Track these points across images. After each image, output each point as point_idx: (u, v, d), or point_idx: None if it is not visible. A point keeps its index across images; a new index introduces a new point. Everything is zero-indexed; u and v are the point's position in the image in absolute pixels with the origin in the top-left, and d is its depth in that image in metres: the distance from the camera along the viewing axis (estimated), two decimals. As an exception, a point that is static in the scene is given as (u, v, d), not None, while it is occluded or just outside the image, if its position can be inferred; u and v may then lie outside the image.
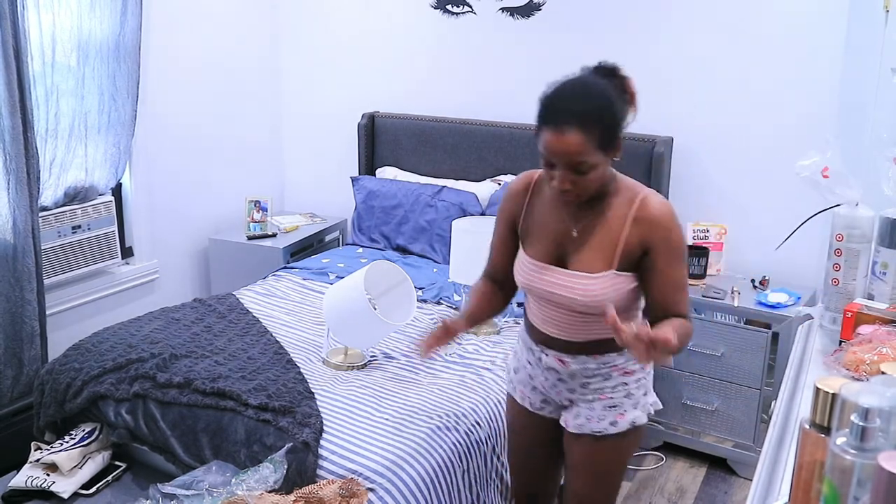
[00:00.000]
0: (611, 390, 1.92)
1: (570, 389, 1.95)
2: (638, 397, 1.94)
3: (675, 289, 1.78)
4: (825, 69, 3.16)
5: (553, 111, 1.73)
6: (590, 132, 1.67)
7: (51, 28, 3.03)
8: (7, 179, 2.89)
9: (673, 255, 1.77)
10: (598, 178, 1.74)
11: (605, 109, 1.72)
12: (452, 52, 3.92)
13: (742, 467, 3.21)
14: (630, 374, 1.92)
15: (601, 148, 1.69)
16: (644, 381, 1.96)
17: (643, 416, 1.96)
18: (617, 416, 1.93)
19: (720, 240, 3.43)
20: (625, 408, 1.93)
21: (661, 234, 1.76)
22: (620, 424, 1.92)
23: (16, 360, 3.01)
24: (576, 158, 1.69)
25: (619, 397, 1.92)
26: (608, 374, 1.91)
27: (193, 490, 2.14)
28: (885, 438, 0.92)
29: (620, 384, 1.92)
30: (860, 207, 1.80)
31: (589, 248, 1.82)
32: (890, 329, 1.51)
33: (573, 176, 1.71)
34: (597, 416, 1.93)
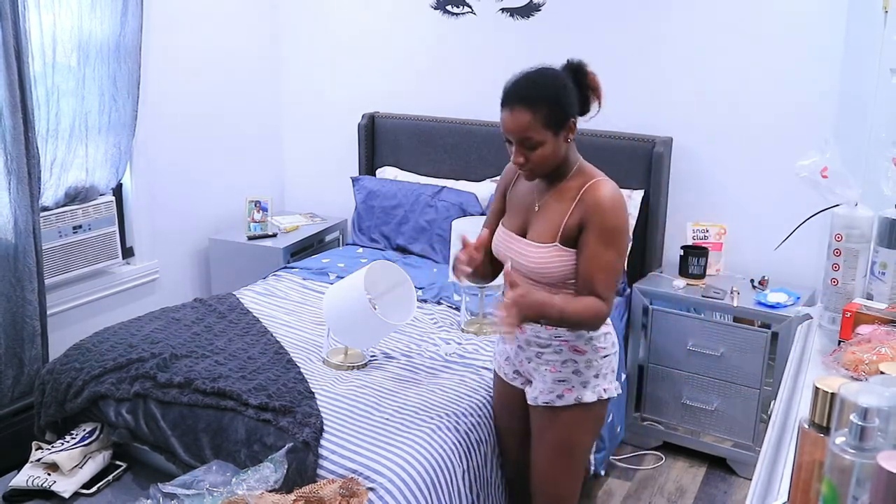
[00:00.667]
0: (560, 364, 2.09)
1: (528, 359, 2.15)
2: (587, 377, 2.08)
3: (596, 267, 1.94)
4: (824, 69, 3.16)
5: (507, 94, 1.97)
6: (537, 111, 1.91)
7: (51, 28, 3.04)
8: (8, 179, 2.90)
9: (602, 235, 1.94)
10: (546, 154, 1.95)
11: (553, 93, 1.94)
12: (452, 53, 3.93)
13: (741, 467, 3.21)
14: (580, 352, 2.07)
15: (548, 127, 1.92)
16: (596, 363, 2.08)
17: (591, 396, 2.09)
18: (564, 391, 2.09)
19: (719, 240, 3.43)
20: (572, 383, 2.09)
21: (597, 215, 1.94)
22: (566, 398, 2.09)
23: (17, 360, 3.01)
24: (524, 134, 1.92)
25: (568, 372, 2.08)
26: (559, 347, 2.08)
27: (194, 490, 2.14)
28: (883, 438, 0.92)
29: (570, 360, 2.08)
30: (859, 207, 1.80)
31: (543, 221, 2.04)
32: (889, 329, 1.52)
33: (524, 151, 1.95)
34: (547, 388, 2.11)
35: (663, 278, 3.38)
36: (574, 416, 2.11)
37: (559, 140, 1.95)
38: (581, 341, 2.06)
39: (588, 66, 2.00)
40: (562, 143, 1.96)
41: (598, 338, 2.07)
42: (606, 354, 2.10)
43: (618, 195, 1.97)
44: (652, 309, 3.27)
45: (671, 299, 3.25)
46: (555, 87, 1.95)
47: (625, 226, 2.00)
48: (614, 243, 1.95)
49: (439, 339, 2.91)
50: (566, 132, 1.96)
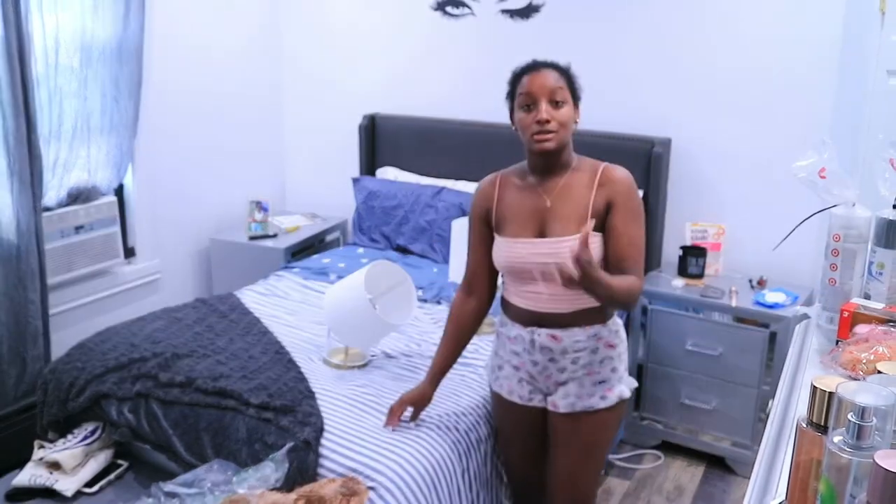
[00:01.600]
0: (598, 365, 2.07)
1: (561, 369, 2.08)
2: (621, 372, 2.11)
3: (629, 245, 1.97)
4: (822, 71, 3.17)
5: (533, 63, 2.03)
6: (563, 75, 2.00)
7: (54, 30, 3.04)
8: (11, 180, 2.90)
9: (630, 214, 1.98)
10: (568, 117, 1.98)
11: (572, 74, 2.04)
12: (452, 54, 3.93)
13: (740, 466, 3.22)
14: (613, 346, 2.08)
15: (572, 92, 2.00)
16: (624, 355, 2.12)
17: (626, 390, 2.12)
18: (606, 391, 2.08)
19: (718, 240, 3.44)
20: (612, 382, 2.09)
21: (623, 193, 1.99)
22: (610, 398, 2.08)
23: (19, 360, 3.02)
24: (554, 87, 1.96)
25: (606, 371, 2.08)
26: (595, 347, 2.06)
27: (195, 488, 2.15)
28: (881, 437, 0.93)
29: (606, 358, 2.07)
30: (857, 208, 1.81)
31: (563, 215, 2.01)
32: (886, 328, 1.52)
33: (551, 110, 1.96)
34: (587, 392, 2.07)
35: (662, 278, 3.40)
36: (616, 413, 2.12)
37: (575, 113, 2.02)
38: (612, 335, 2.08)
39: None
40: (573, 119, 2.02)
41: (619, 328, 2.11)
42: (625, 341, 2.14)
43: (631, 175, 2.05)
44: (651, 309, 3.28)
45: (670, 299, 3.26)
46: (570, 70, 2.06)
47: (642, 204, 2.05)
48: (638, 220, 2.01)
49: (439, 338, 2.91)
50: (576, 113, 2.03)
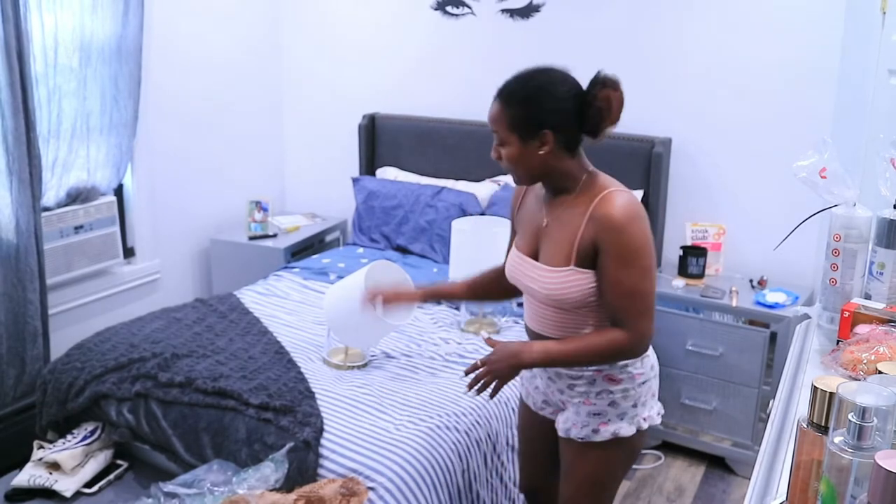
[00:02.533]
0: (595, 396, 1.89)
1: (560, 390, 1.95)
2: (624, 408, 1.89)
3: (620, 294, 1.75)
4: (823, 70, 3.17)
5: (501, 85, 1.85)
6: (506, 108, 1.78)
7: (53, 29, 3.04)
8: (10, 180, 2.90)
9: (622, 258, 1.73)
10: (512, 156, 1.81)
11: (528, 96, 1.77)
12: (452, 54, 3.93)
13: (740, 466, 3.22)
14: (616, 381, 1.88)
15: (513, 129, 1.78)
16: (633, 392, 1.90)
17: (629, 429, 1.90)
18: (600, 425, 1.90)
19: (718, 240, 3.44)
20: (608, 416, 1.89)
21: (611, 235, 1.73)
22: (602, 433, 1.90)
23: (18, 360, 3.02)
24: (491, 126, 1.82)
25: (603, 405, 1.89)
26: (592, 378, 1.89)
27: (195, 489, 2.15)
28: (881, 437, 0.93)
29: (605, 391, 1.88)
30: (857, 208, 1.80)
31: (554, 241, 1.84)
32: (887, 328, 1.52)
33: (497, 146, 1.84)
34: (581, 421, 1.92)
35: (662, 278, 3.39)
36: (610, 451, 1.92)
37: (528, 148, 1.78)
38: (615, 370, 1.87)
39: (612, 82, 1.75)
40: (532, 151, 1.78)
41: (633, 364, 1.88)
42: (645, 380, 1.92)
43: (632, 207, 1.75)
44: (651, 309, 3.27)
45: (670, 299, 3.25)
46: (536, 90, 1.78)
47: (643, 241, 1.75)
48: (634, 264, 1.74)
49: (439, 338, 2.92)
50: (538, 142, 1.77)
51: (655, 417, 1.98)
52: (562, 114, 1.76)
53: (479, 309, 3.02)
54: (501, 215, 3.38)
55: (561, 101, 1.76)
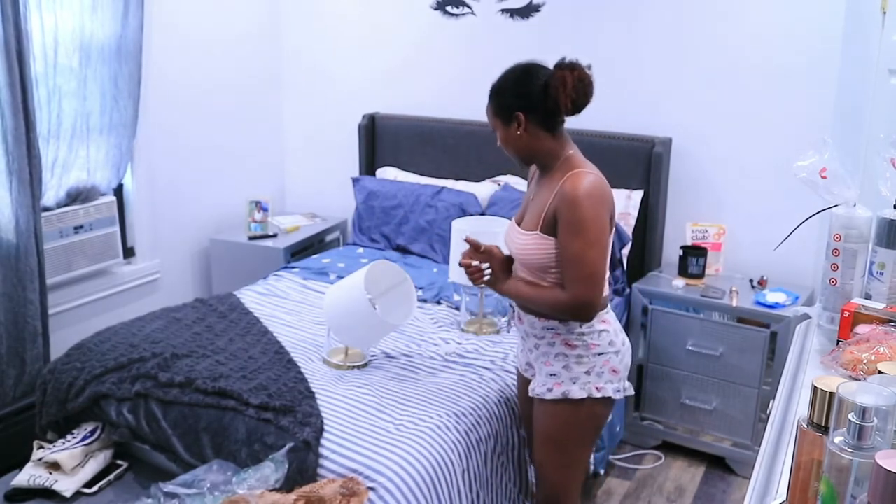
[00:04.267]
0: (553, 358, 2.12)
1: (529, 350, 2.21)
2: (577, 373, 2.09)
3: (565, 259, 2.01)
4: (823, 70, 3.17)
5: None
6: (491, 100, 2.11)
7: (53, 29, 3.04)
8: (10, 180, 2.90)
9: (570, 228, 1.98)
10: (503, 140, 2.11)
11: (501, 85, 2.10)
12: (452, 54, 3.93)
13: (740, 466, 3.22)
14: (572, 347, 2.09)
15: (496, 116, 2.10)
16: (586, 360, 2.09)
17: (580, 392, 2.09)
18: (554, 385, 2.12)
19: (718, 240, 3.44)
20: (562, 378, 2.11)
21: (565, 207, 1.98)
22: (554, 392, 2.12)
23: (18, 360, 3.02)
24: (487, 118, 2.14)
25: (559, 367, 2.11)
26: (552, 340, 2.12)
27: (195, 489, 2.15)
28: (882, 437, 0.93)
29: (561, 354, 2.11)
30: (857, 208, 1.80)
31: (531, 210, 2.12)
32: (887, 329, 1.52)
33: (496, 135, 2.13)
34: (541, 381, 2.15)
35: (663, 278, 3.39)
36: (562, 410, 2.12)
37: (510, 130, 2.06)
38: (572, 336, 2.08)
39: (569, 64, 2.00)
40: (514, 133, 2.06)
41: (590, 334, 2.08)
42: (601, 353, 2.09)
43: (591, 187, 1.97)
44: (651, 309, 3.28)
45: (670, 299, 3.25)
46: (507, 80, 2.08)
47: (592, 216, 1.97)
48: (580, 234, 1.96)
49: (439, 338, 2.92)
50: (515, 123, 2.05)
51: (609, 390, 2.12)
52: (527, 97, 2.03)
53: (479, 309, 3.02)
54: (501, 215, 3.38)
55: (526, 86, 2.04)
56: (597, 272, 2.00)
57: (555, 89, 1.98)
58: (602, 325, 2.10)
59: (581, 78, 1.98)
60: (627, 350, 2.17)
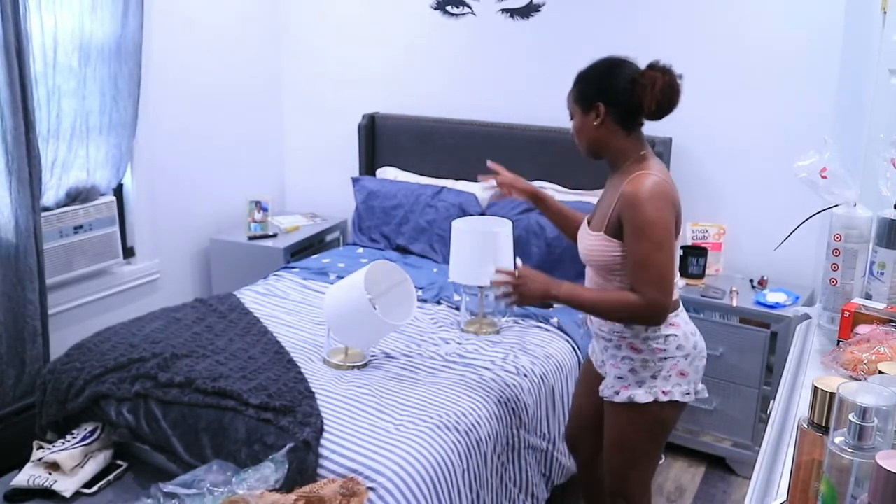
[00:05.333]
0: (620, 361, 2.13)
1: (602, 349, 2.23)
2: (643, 377, 2.10)
3: (634, 263, 1.98)
4: (823, 70, 3.17)
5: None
6: (575, 86, 2.10)
7: (52, 29, 3.04)
8: (9, 180, 2.90)
9: (635, 231, 1.96)
10: (577, 126, 2.10)
11: (591, 74, 2.07)
12: (452, 53, 3.93)
13: (741, 466, 3.22)
14: (637, 351, 2.09)
15: (577, 102, 2.08)
16: (651, 364, 2.08)
17: (645, 397, 2.09)
18: (621, 388, 2.13)
19: (719, 240, 3.44)
20: (628, 381, 2.12)
21: (629, 210, 1.97)
22: (621, 395, 2.12)
23: (18, 360, 3.01)
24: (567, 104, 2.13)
25: (625, 370, 2.12)
26: (619, 343, 2.12)
27: (195, 489, 2.15)
28: (882, 437, 0.93)
29: (627, 358, 2.11)
30: (858, 208, 1.80)
31: (599, 212, 2.12)
32: (888, 329, 1.52)
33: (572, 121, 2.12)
34: (609, 383, 2.17)
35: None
36: (629, 414, 2.13)
37: (587, 119, 2.05)
38: (638, 340, 2.08)
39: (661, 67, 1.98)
40: (590, 123, 2.04)
41: (656, 339, 2.07)
42: (666, 357, 2.07)
43: (653, 188, 1.95)
44: (651, 309, 3.27)
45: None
46: (595, 69, 2.07)
47: (657, 218, 1.94)
48: (646, 237, 1.94)
49: (439, 338, 2.91)
50: (594, 113, 2.03)
51: (677, 394, 2.11)
52: (613, 90, 2.01)
53: (480, 309, 3.02)
54: (501, 215, 3.38)
55: (614, 79, 2.01)
56: (667, 275, 1.98)
57: (642, 88, 1.96)
58: (670, 330, 2.07)
59: (671, 84, 1.96)
60: (699, 353, 2.14)
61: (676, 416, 2.20)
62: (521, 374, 2.64)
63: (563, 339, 2.95)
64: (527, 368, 2.68)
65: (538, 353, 2.79)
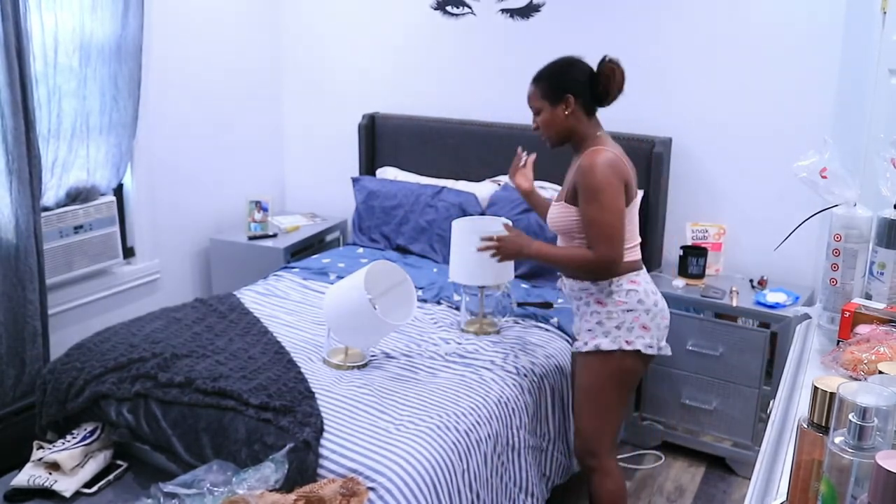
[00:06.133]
0: (589, 315, 2.39)
1: (574, 311, 2.49)
2: (608, 328, 2.35)
3: (585, 223, 2.28)
4: (823, 70, 3.17)
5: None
6: (538, 84, 2.37)
7: (53, 29, 3.04)
8: (9, 180, 2.90)
9: (586, 194, 2.25)
10: (546, 120, 2.36)
11: (554, 70, 2.36)
12: (452, 54, 3.93)
13: (741, 466, 3.22)
14: (602, 304, 2.36)
15: (544, 97, 2.34)
16: (616, 316, 2.34)
17: (610, 345, 2.34)
18: (589, 339, 2.38)
19: (719, 240, 3.44)
20: (595, 333, 2.37)
21: (582, 177, 2.26)
22: (588, 345, 2.37)
23: (18, 360, 3.01)
24: (529, 103, 2.40)
25: (593, 323, 2.38)
26: (587, 300, 2.38)
27: (195, 489, 2.15)
28: (882, 437, 0.93)
29: (594, 311, 2.37)
30: (858, 208, 1.80)
31: (563, 186, 2.41)
32: (887, 329, 1.52)
33: (534, 118, 2.40)
34: (582, 337, 2.41)
35: (663, 278, 3.39)
36: (595, 361, 2.37)
37: (557, 111, 2.33)
38: (602, 294, 2.35)
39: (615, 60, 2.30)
40: (559, 113, 2.33)
41: (618, 292, 2.33)
42: (630, 309, 2.33)
43: (604, 160, 2.24)
44: (651, 309, 3.27)
45: (670, 299, 3.22)
46: (560, 66, 2.35)
47: (604, 183, 2.22)
48: (596, 199, 2.23)
49: (439, 338, 2.91)
50: (563, 105, 2.31)
51: (639, 345, 2.35)
52: (578, 82, 2.32)
53: (479, 309, 3.02)
54: (501, 215, 3.38)
55: (577, 73, 2.34)
56: (615, 233, 2.24)
57: (606, 77, 2.28)
58: (630, 286, 2.34)
59: (623, 74, 2.30)
60: (660, 311, 2.39)
61: (638, 369, 2.43)
62: (521, 374, 2.64)
63: (563, 339, 2.95)
64: (527, 368, 2.68)
65: (538, 353, 2.79)
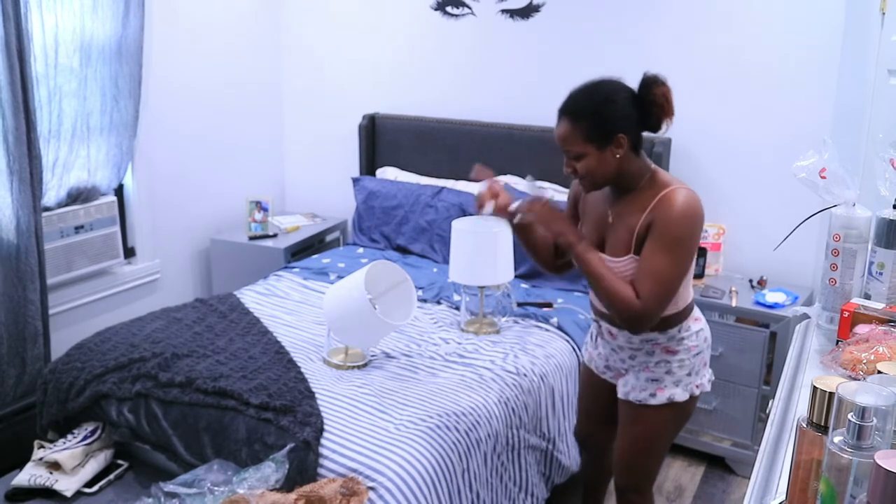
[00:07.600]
0: (654, 365, 2.15)
1: (622, 359, 2.23)
2: (679, 376, 2.15)
3: (647, 269, 1.95)
4: (822, 70, 3.17)
5: (561, 105, 1.99)
6: (577, 123, 1.94)
7: (53, 29, 3.04)
8: (10, 180, 2.90)
9: (661, 243, 1.94)
10: (591, 166, 1.96)
11: (595, 107, 1.94)
12: (452, 54, 3.93)
13: (740, 466, 3.22)
14: (673, 352, 2.14)
15: (589, 140, 1.94)
16: (688, 362, 2.15)
17: (683, 394, 2.15)
18: (657, 390, 2.16)
19: (718, 240, 3.44)
20: (665, 383, 2.15)
21: (663, 221, 1.93)
22: (658, 397, 2.16)
23: (19, 360, 3.02)
24: (565, 146, 1.97)
25: (661, 373, 2.15)
26: (651, 350, 2.15)
27: (195, 489, 2.15)
28: (881, 437, 0.93)
29: (663, 361, 2.14)
30: (857, 208, 1.81)
31: (617, 234, 2.05)
32: (886, 328, 1.52)
33: (570, 161, 1.98)
34: (640, 386, 2.18)
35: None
36: (664, 413, 2.18)
37: (605, 154, 1.95)
38: (673, 342, 2.13)
39: (661, 80, 1.95)
40: (609, 157, 1.95)
41: (689, 337, 2.13)
42: (699, 352, 2.17)
43: (691, 205, 1.94)
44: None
45: (670, 299, 3.25)
46: (600, 100, 1.94)
47: (687, 237, 1.95)
48: (671, 253, 1.93)
49: (439, 338, 2.92)
50: (613, 147, 1.95)
51: (706, 385, 2.23)
52: (629, 117, 1.95)
53: (479, 309, 3.02)
54: (501, 215, 3.37)
55: (626, 106, 1.95)
56: (670, 293, 1.98)
57: (659, 107, 1.94)
58: (696, 325, 2.17)
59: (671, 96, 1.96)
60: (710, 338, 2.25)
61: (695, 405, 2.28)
62: (521, 374, 2.64)
63: (563, 339, 2.95)
64: (527, 368, 2.68)
65: (538, 353, 2.80)
